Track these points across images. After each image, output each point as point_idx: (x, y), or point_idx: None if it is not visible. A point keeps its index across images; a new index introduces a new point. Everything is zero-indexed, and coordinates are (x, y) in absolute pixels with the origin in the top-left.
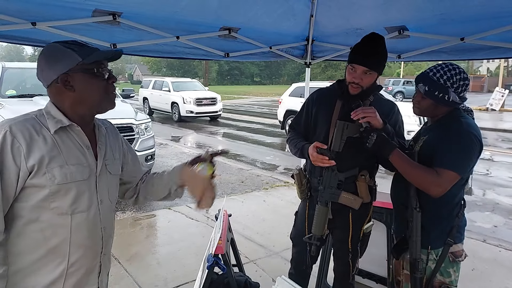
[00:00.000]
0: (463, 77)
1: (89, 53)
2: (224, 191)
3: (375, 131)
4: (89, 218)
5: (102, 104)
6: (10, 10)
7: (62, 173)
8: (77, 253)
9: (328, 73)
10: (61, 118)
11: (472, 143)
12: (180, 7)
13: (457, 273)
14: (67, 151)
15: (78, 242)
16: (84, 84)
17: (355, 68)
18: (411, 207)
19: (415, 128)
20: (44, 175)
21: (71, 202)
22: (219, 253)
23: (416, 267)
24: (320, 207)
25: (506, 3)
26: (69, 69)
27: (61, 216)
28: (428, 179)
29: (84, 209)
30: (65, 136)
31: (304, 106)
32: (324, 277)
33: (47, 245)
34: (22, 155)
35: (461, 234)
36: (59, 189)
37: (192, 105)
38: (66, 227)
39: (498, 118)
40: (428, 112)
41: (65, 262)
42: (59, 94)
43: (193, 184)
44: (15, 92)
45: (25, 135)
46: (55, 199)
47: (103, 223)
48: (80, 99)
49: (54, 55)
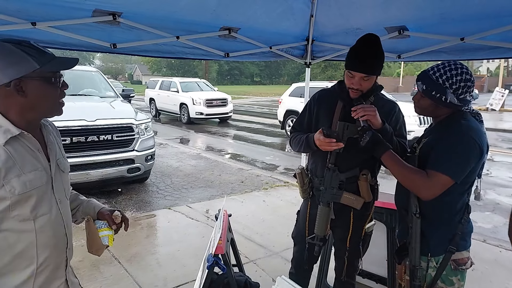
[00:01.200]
0: (464, 78)
1: (46, 60)
2: (224, 191)
3: (370, 130)
4: (52, 219)
5: (53, 111)
6: (9, 10)
7: (21, 183)
8: (44, 253)
9: (328, 73)
10: (9, 127)
11: (469, 147)
12: (179, 6)
13: (462, 282)
14: (21, 159)
15: (44, 243)
16: (38, 91)
17: (353, 74)
18: (411, 213)
19: (415, 128)
20: (2, 187)
21: (31, 208)
22: (219, 253)
23: (415, 274)
24: (322, 207)
25: (507, 3)
26: (23, 75)
27: (23, 222)
28: (417, 181)
29: (46, 212)
30: (16, 144)
31: (306, 107)
32: (324, 277)
33: (12, 251)
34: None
35: (466, 241)
36: (19, 199)
37: (202, 107)
38: (31, 232)
39: (498, 118)
40: (428, 112)
41: (33, 263)
42: (6, 98)
43: (92, 240)
44: None
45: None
46: (16, 208)
47: (65, 221)
48: (31, 105)
49: (8, 58)
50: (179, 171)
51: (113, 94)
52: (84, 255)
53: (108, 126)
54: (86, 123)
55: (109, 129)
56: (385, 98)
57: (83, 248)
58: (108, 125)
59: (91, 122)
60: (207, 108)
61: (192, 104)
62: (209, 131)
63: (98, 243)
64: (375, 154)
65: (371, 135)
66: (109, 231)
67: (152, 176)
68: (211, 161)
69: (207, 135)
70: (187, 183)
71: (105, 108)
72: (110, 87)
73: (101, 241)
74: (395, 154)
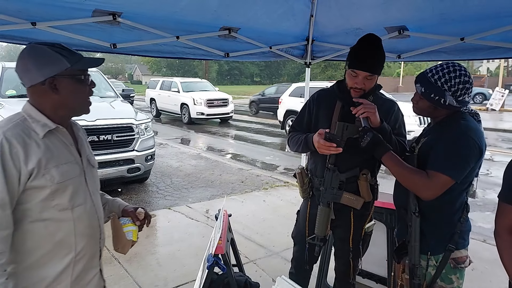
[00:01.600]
0: (463, 80)
1: (76, 59)
2: (224, 191)
3: (371, 131)
4: (87, 209)
5: (82, 109)
6: (9, 10)
7: (59, 173)
8: (81, 242)
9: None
10: (46, 122)
11: (469, 146)
12: (180, 7)
13: (461, 280)
14: (57, 151)
15: (81, 232)
16: (70, 88)
17: (356, 74)
18: (410, 212)
19: (415, 128)
20: (43, 176)
21: (69, 198)
22: (219, 253)
23: (415, 273)
24: (322, 208)
25: (506, 3)
26: (57, 74)
27: (62, 212)
28: (418, 182)
29: (82, 202)
30: (53, 138)
31: (305, 106)
32: (324, 277)
33: (53, 239)
34: (21, 160)
35: (464, 240)
36: (58, 187)
37: (203, 107)
38: (69, 221)
39: (498, 118)
40: (427, 113)
41: (72, 252)
42: (42, 96)
43: (117, 236)
44: (15, 92)
45: (19, 140)
46: (55, 197)
47: (98, 212)
48: (63, 103)
49: (44, 58)
50: (179, 171)
51: (113, 94)
52: None
53: (108, 126)
54: (86, 123)
55: (109, 129)
56: (383, 97)
57: None
58: (108, 125)
59: (91, 122)
60: (208, 108)
61: (193, 104)
62: (210, 131)
63: (123, 239)
64: (376, 155)
65: (371, 136)
66: (133, 227)
67: (152, 176)
68: (211, 161)
69: (207, 135)
70: (187, 183)
71: (105, 108)
72: (110, 87)
73: (125, 236)
74: (395, 155)
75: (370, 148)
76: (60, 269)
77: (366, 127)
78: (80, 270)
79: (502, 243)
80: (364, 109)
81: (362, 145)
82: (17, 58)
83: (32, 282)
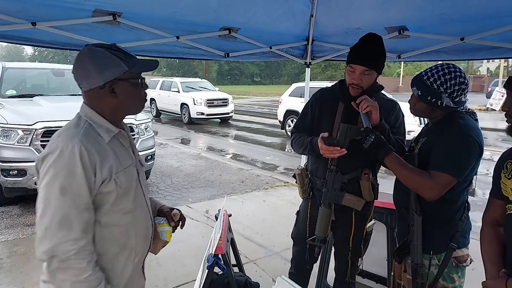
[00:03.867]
0: (459, 82)
1: (134, 63)
2: (224, 191)
3: (373, 132)
4: (144, 210)
5: (136, 111)
6: (10, 10)
7: (125, 177)
8: (140, 243)
9: (328, 73)
10: (108, 127)
11: (469, 145)
12: (180, 7)
13: (462, 279)
14: (121, 156)
15: (140, 233)
16: (127, 92)
17: (353, 69)
18: (412, 211)
19: (415, 128)
20: (112, 181)
21: (132, 201)
22: (219, 253)
23: (418, 272)
24: (323, 209)
25: (506, 3)
26: (115, 77)
27: (126, 215)
28: (421, 182)
29: (140, 203)
30: (115, 142)
31: (307, 106)
32: (324, 277)
33: (119, 243)
34: (97, 166)
35: (465, 239)
36: (123, 192)
37: (203, 107)
38: (132, 224)
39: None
40: (425, 114)
41: (133, 253)
42: (100, 99)
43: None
44: (15, 92)
45: (95, 147)
46: (121, 201)
47: (150, 211)
48: (120, 106)
49: (103, 62)
50: (179, 171)
51: None
52: None
53: None
54: None
55: None
56: (385, 97)
57: None
58: None
59: None
60: (208, 108)
61: (193, 104)
62: (210, 131)
63: (156, 239)
64: (378, 156)
65: (374, 137)
66: (168, 227)
67: (152, 176)
68: (211, 161)
69: (207, 135)
70: (187, 183)
71: None
72: None
73: (159, 236)
74: (397, 156)
75: (372, 150)
76: (121, 270)
77: (368, 128)
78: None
79: (482, 234)
80: (368, 103)
81: (364, 147)
82: (75, 61)
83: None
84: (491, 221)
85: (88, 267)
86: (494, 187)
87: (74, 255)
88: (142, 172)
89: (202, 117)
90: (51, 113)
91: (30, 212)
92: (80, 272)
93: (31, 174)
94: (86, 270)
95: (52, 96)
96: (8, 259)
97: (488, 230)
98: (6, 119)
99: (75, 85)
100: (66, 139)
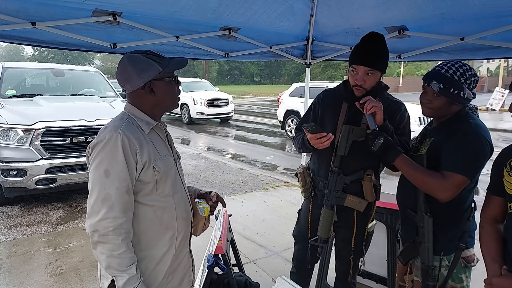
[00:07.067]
0: (473, 73)
1: (166, 63)
2: (224, 191)
3: (382, 134)
4: (183, 195)
5: (173, 106)
6: (9, 10)
7: (162, 164)
8: (181, 225)
9: (328, 73)
10: (148, 120)
11: (481, 145)
12: (179, 6)
13: (469, 279)
14: (158, 145)
15: (180, 215)
16: (164, 89)
17: (356, 70)
18: (421, 212)
19: (415, 128)
20: (151, 168)
21: (170, 186)
22: (219, 253)
23: (430, 274)
24: (325, 210)
25: (506, 3)
26: (153, 78)
27: (166, 198)
28: (435, 184)
29: (178, 189)
30: (153, 134)
31: (311, 107)
32: (324, 277)
33: (161, 222)
34: (138, 153)
35: (472, 238)
36: (162, 177)
37: (203, 107)
38: (171, 206)
39: (498, 118)
40: (441, 112)
41: (175, 233)
42: (141, 98)
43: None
44: (15, 92)
45: (135, 136)
46: (160, 186)
47: (188, 197)
48: (158, 102)
49: (141, 65)
50: None
51: (113, 94)
52: (84, 255)
53: None
54: (86, 123)
55: None
56: (391, 98)
57: (83, 248)
58: None
59: (91, 122)
60: (208, 108)
61: (193, 104)
62: (210, 131)
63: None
64: (388, 159)
65: (383, 139)
66: (206, 205)
67: None
68: (211, 161)
69: (207, 135)
70: (187, 183)
71: (105, 108)
72: (110, 87)
73: (199, 212)
74: (407, 158)
75: (382, 152)
76: (166, 249)
77: (376, 130)
78: (179, 250)
79: (482, 232)
80: (372, 104)
81: (373, 149)
82: (117, 69)
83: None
84: (491, 218)
85: (122, 244)
86: (492, 184)
87: (112, 231)
88: (180, 164)
89: (202, 117)
90: (51, 113)
91: (30, 212)
92: (115, 248)
93: (31, 174)
94: (120, 246)
95: (52, 96)
96: (8, 259)
97: (488, 227)
98: (6, 119)
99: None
100: (111, 130)
